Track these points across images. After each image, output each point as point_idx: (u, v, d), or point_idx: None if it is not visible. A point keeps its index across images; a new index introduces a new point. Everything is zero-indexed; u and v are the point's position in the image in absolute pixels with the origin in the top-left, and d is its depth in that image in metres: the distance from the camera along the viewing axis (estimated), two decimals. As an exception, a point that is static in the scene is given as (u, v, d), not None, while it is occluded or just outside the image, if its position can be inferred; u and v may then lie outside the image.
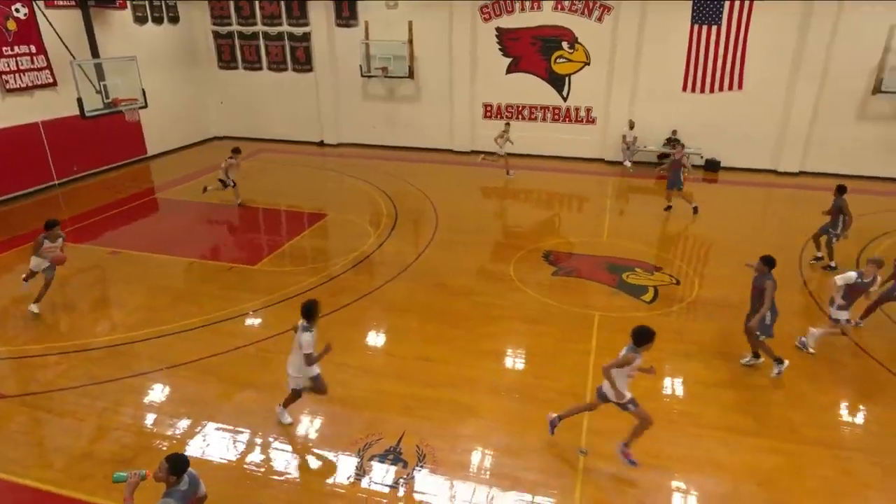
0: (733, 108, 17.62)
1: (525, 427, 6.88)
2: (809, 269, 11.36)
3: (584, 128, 19.27)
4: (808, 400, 7.39)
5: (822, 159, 17.48)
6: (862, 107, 16.87)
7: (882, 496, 5.91)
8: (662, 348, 8.49)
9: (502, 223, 13.95)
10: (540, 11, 18.33)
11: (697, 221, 14.10)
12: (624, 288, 10.42)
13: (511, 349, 8.60)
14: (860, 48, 16.17)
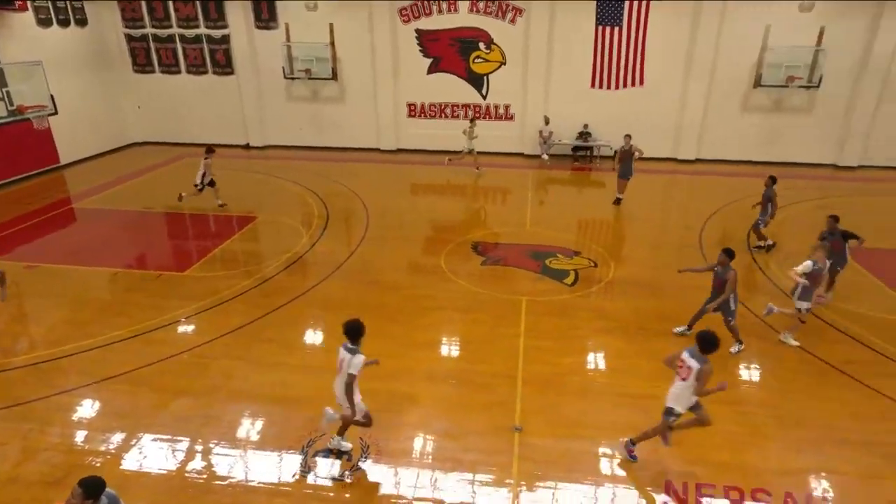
0: (637, 102, 18.48)
1: (463, 411, 6.97)
2: (709, 247, 12.12)
3: (503, 124, 19.63)
4: (717, 363, 7.90)
5: (714, 147, 18.71)
6: (745, 99, 18.19)
7: (778, 444, 6.46)
8: (584, 326, 8.87)
9: (431, 218, 14.00)
10: (456, 13, 18.45)
11: (610, 207, 14.72)
12: (547, 273, 10.73)
13: (446, 338, 8.68)
14: (742, 46, 17.40)
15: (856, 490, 5.81)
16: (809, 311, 8.32)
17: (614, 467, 6.15)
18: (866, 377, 7.61)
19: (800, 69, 17.09)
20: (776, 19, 16.87)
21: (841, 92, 17.63)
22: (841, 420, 6.81)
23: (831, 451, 6.29)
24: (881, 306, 9.59)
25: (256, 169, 18.25)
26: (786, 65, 17.08)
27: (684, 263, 11.11)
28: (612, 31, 17.81)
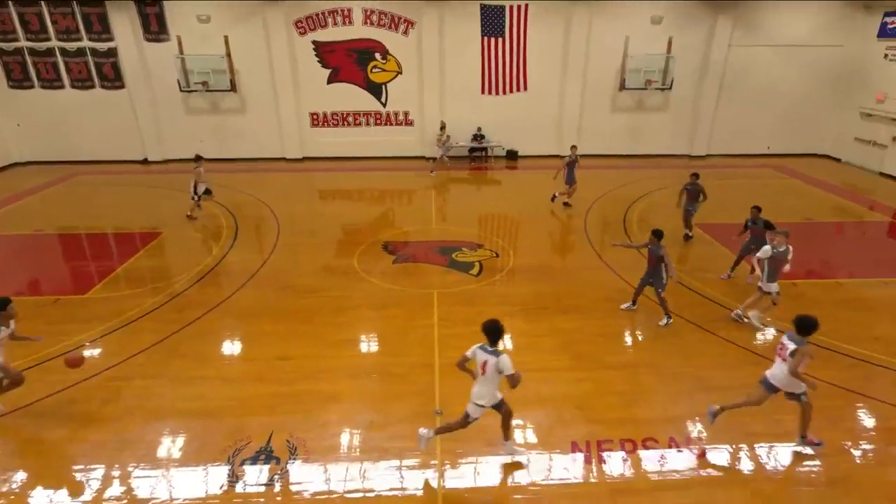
0: (523, 105, 19.25)
1: (386, 402, 6.92)
2: (594, 233, 12.89)
3: (403, 129, 19.63)
4: (607, 335, 8.47)
5: (590, 143, 19.88)
6: (613, 101, 19.53)
7: (660, 397, 7.03)
8: (491, 311, 9.05)
9: (342, 222, 13.71)
10: (352, 26, 18.15)
11: (506, 201, 15.22)
12: (455, 266, 10.90)
13: (364, 335, 8.56)
14: (608, 54, 18.65)
15: (722, 428, 6.46)
16: (779, 294, 8.40)
17: (527, 436, 6.39)
18: (721, 330, 8.49)
19: (655, 74, 18.64)
20: (633, 31, 18.26)
21: (688, 93, 19.45)
22: (707, 371, 7.54)
23: (701, 398, 6.95)
24: (735, 273, 10.73)
25: (157, 184, 16.89)
26: (644, 70, 18.56)
27: (573, 249, 11.82)
28: (496, 41, 18.39)
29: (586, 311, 9.14)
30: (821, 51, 18.98)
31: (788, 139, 20.27)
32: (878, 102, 18.10)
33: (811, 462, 5.98)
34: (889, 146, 17.75)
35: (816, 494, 5.58)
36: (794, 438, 6.23)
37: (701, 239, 12.42)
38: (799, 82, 19.41)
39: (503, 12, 17.95)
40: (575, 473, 5.86)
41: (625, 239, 12.31)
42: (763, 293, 8.41)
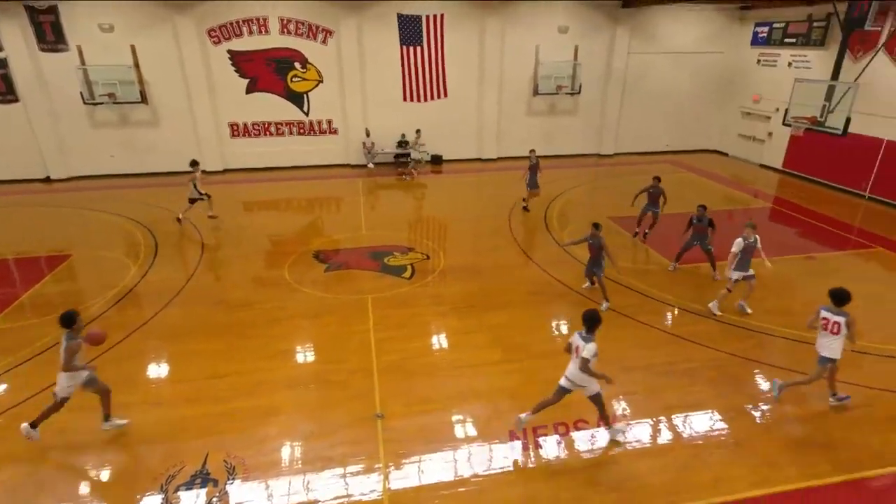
0: (444, 111, 19.46)
1: (326, 410, 6.75)
2: (517, 231, 13.25)
3: (328, 138, 19.24)
4: (534, 327, 8.73)
5: (509, 146, 20.49)
6: (528, 105, 20.21)
7: (586, 380, 7.35)
8: (425, 312, 9.15)
9: (270, 233, 13.21)
10: (268, 35, 17.54)
11: (433, 205, 15.32)
12: (387, 270, 10.83)
13: (300, 345, 8.30)
14: (521, 61, 19.27)
15: (643, 403, 6.88)
16: (738, 281, 8.81)
17: (467, 430, 6.47)
18: (639, 315, 9.03)
19: (565, 79, 19.50)
20: (543, 40, 18.99)
21: (595, 97, 20.51)
22: (628, 352, 7.99)
23: (624, 378, 7.35)
24: (640, 259, 11.43)
25: (62, 203, 15.46)
26: (554, 76, 19.35)
27: (500, 248, 12.09)
28: (415, 50, 18.47)
29: (515, 305, 9.39)
30: (705, 57, 20.67)
31: (683, 137, 21.90)
32: (754, 102, 19.98)
33: (720, 426, 6.50)
34: (766, 141, 19.64)
35: (727, 455, 6.07)
36: (774, 400, 6.74)
37: (614, 231, 13.13)
38: (688, 85, 21.04)
39: (420, 21, 18.07)
40: (514, 460, 6.00)
41: (556, 237, 12.76)
42: (744, 280, 8.76)
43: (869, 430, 6.40)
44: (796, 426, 6.51)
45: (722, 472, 5.80)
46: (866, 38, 15.32)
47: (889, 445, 6.16)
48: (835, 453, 6.05)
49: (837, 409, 6.77)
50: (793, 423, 6.55)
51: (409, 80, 18.91)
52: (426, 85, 19.08)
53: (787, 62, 18.40)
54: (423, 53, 18.59)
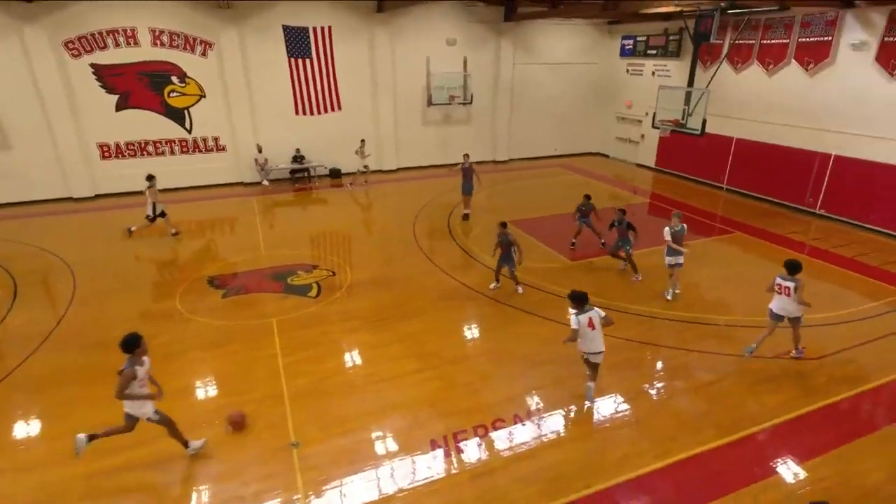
0: (340, 124, 19.17)
1: (235, 446, 6.31)
2: (422, 238, 13.37)
3: (216, 156, 18.13)
4: (447, 333, 8.84)
5: (408, 156, 20.67)
6: (423, 115, 20.55)
7: (500, 380, 7.58)
8: (335, 330, 8.91)
9: (156, 261, 12.12)
10: (139, 47, 16.19)
11: (335, 219, 14.99)
12: (291, 290, 10.41)
13: (200, 380, 7.68)
14: (413, 72, 19.55)
15: (553, 396, 7.23)
16: (674, 266, 9.66)
17: (388, 445, 6.37)
18: (542, 311, 9.49)
19: (457, 90, 20.08)
20: (433, 51, 19.43)
21: (487, 106, 21.36)
22: (534, 348, 8.36)
23: (533, 373, 7.68)
24: (540, 258, 12.05)
25: None
26: (447, 87, 19.85)
27: (406, 257, 12.12)
28: (304, 62, 18.04)
29: (426, 313, 9.45)
30: (582, 67, 22.39)
31: (569, 141, 23.49)
32: (627, 108, 21.98)
33: (623, 408, 7.00)
34: (640, 142, 21.66)
35: (631, 433, 6.55)
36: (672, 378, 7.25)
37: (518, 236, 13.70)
38: (569, 94, 22.64)
39: (307, 33, 17.69)
40: (437, 470, 6.01)
41: (459, 243, 13.02)
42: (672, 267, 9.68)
43: (744, 394, 7.25)
44: (685, 399, 7.19)
45: (629, 450, 6.25)
46: (713, 50, 17.50)
47: (761, 405, 7.02)
48: (718, 418, 6.77)
49: (717, 378, 7.58)
50: (682, 396, 7.24)
51: (301, 93, 18.42)
52: (318, 98, 18.70)
53: (651, 71, 20.48)
54: (312, 66, 18.20)
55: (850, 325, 9.04)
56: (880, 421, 6.81)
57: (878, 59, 13.27)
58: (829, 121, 14.55)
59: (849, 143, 14.12)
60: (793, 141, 15.48)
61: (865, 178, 13.81)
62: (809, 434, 6.50)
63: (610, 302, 9.83)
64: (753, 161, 16.71)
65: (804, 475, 5.89)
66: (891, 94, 13.14)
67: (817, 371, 7.78)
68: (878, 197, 13.59)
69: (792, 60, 15.34)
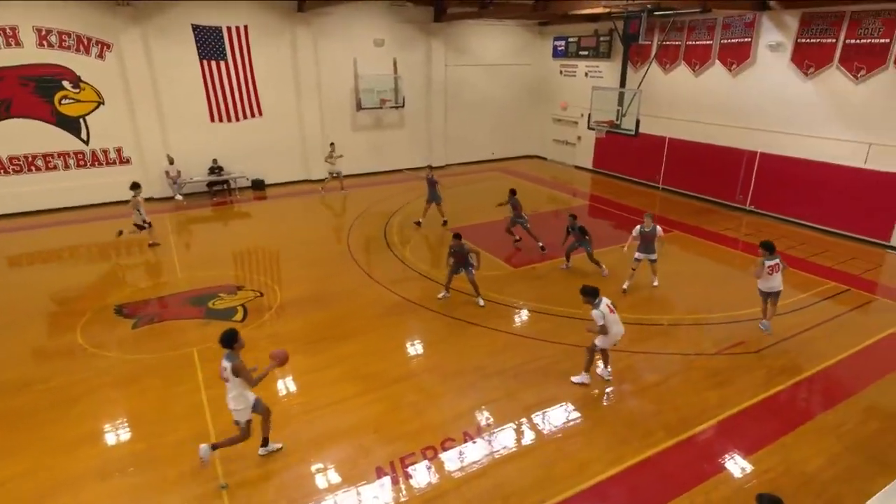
0: (261, 131, 18.66)
1: (154, 495, 5.93)
2: (357, 251, 13.22)
3: (118, 169, 17.11)
4: (389, 351, 8.76)
5: (338, 164, 20.38)
6: (353, 120, 20.41)
7: (448, 397, 7.60)
8: (265, 355, 8.54)
9: (51, 291, 11.22)
10: (21, 48, 15.05)
11: (260, 234, 14.54)
12: (213, 315, 9.97)
13: (110, 423, 7.17)
14: (339, 74, 19.39)
15: (504, 409, 7.33)
16: (639, 261, 10.73)
17: (330, 477, 6.21)
18: (488, 321, 9.63)
19: (387, 93, 20.12)
20: (359, 52, 19.38)
21: (420, 109, 21.54)
22: (483, 359, 8.45)
23: (483, 386, 7.76)
24: (482, 266, 12.24)
25: None
26: (377, 89, 19.85)
27: (341, 272, 11.94)
28: (218, 64, 17.46)
29: (365, 332, 9.34)
30: (516, 69, 23.10)
31: (506, 144, 24.10)
32: (562, 110, 22.87)
33: (574, 415, 7.22)
34: (577, 144, 22.58)
35: (584, 441, 6.75)
36: (608, 379, 7.47)
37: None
38: (504, 95, 23.27)
39: (220, 33, 17.15)
40: (385, 499, 5.92)
41: (397, 253, 12.97)
42: (648, 262, 10.80)
43: (689, 392, 7.67)
44: (634, 401, 7.52)
45: (583, 458, 6.44)
46: (642, 51, 18.61)
47: (706, 402, 7.45)
48: (666, 418, 7.12)
49: (664, 378, 7.98)
50: (631, 399, 7.56)
51: (216, 98, 17.79)
52: (236, 103, 18.14)
53: (584, 72, 21.46)
54: (228, 68, 17.65)
55: (784, 317, 9.81)
56: (816, 408, 7.41)
57: (793, 59, 14.60)
58: (754, 119, 15.83)
59: (773, 141, 15.41)
60: (722, 139, 16.70)
61: (789, 174, 15.12)
62: (753, 427, 6.97)
63: (554, 307, 10.14)
64: (686, 160, 17.85)
65: (751, 468, 6.30)
66: (806, 94, 14.50)
67: (757, 364, 8.37)
68: (801, 192, 14.90)
69: (716, 61, 16.59)
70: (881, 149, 13.20)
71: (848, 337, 9.15)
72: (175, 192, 17.53)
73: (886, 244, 13.34)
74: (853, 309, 10.22)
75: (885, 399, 7.54)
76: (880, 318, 9.83)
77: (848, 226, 14.05)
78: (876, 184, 13.34)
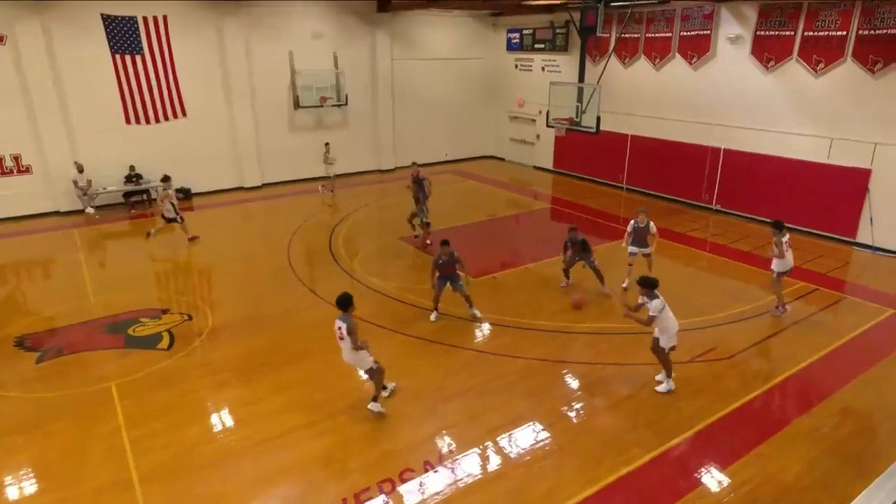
0: (186, 134, 18.12)
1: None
2: (299, 266, 13.00)
3: (16, 180, 16.22)
4: (338, 376, 8.61)
5: (276, 169, 20.07)
6: (291, 121, 20.13)
7: (407, 420, 7.53)
8: (198, 388, 8.33)
9: (-65, 323, 10.49)
10: None
11: (189, 249, 14.09)
12: (134, 344, 9.56)
13: (12, 476, 6.71)
14: (273, 70, 19.12)
15: (467, 433, 7.32)
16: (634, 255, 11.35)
17: (274, 521, 6.04)
18: (446, 338, 9.64)
19: (328, 90, 19.97)
20: (295, 45, 19.19)
21: (366, 108, 21.48)
22: (442, 380, 8.44)
23: (443, 409, 7.74)
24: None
25: None
26: (316, 86, 19.68)
27: (282, 290, 11.71)
28: (133, 59, 16.89)
29: (311, 355, 9.17)
30: (467, 63, 23.41)
31: (460, 144, 24.33)
32: (518, 107, 23.31)
33: (543, 435, 7.29)
34: (535, 143, 23.03)
35: (555, 462, 6.83)
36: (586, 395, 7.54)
37: (403, 252, 13.83)
38: (457, 92, 23.52)
39: (135, 24, 16.60)
40: (339, 540, 5.80)
41: (335, 266, 12.82)
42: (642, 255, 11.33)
43: (662, 404, 7.89)
44: (606, 416, 7.67)
45: (554, 482, 6.51)
46: (600, 44, 19.22)
47: (680, 413, 7.69)
48: (640, 433, 7.29)
49: (635, 390, 8.18)
50: (603, 414, 7.71)
51: (132, 97, 17.18)
52: (156, 102, 17.57)
53: (541, 66, 21.96)
54: (146, 64, 17.09)
55: (754, 319, 10.26)
56: (790, 414, 7.77)
57: (753, 52, 15.43)
58: (716, 114, 16.59)
59: (736, 137, 16.19)
60: (685, 136, 17.41)
61: (753, 170, 15.90)
62: (728, 437, 7.23)
63: (516, 319, 10.26)
64: (650, 158, 18.50)
65: (728, 481, 6.52)
66: (767, 87, 15.33)
67: (729, 371, 8.71)
68: (765, 189, 15.69)
69: (676, 54, 17.32)
70: (843, 143, 14.08)
71: (819, 338, 9.65)
72: (86, 205, 16.77)
73: (852, 240, 14.20)
74: (822, 309, 10.80)
75: (858, 400, 7.98)
76: (850, 318, 10.43)
77: (813, 223, 14.87)
78: (839, 179, 14.20)
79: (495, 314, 10.52)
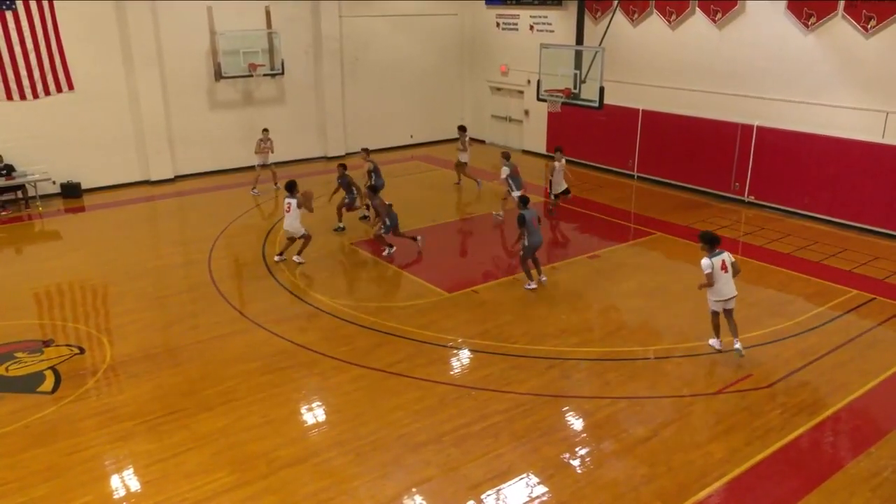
0: (74, 113, 17.88)
1: None
2: (224, 279, 12.89)
3: None
4: (275, 421, 8.54)
5: (193, 158, 19.96)
6: (211, 95, 20.02)
7: (366, 479, 7.48)
8: (92, 441, 8.20)
9: None
10: None
11: (77, 262, 13.90)
12: (7, 387, 9.38)
13: None
14: (188, 32, 19.05)
15: (443, 489, 7.31)
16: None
17: None
18: (413, 370, 9.64)
19: (259, 55, 19.93)
20: (216, 1, 19.07)
21: (307, 78, 21.50)
22: (410, 423, 8.41)
23: (412, 460, 7.71)
24: (403, 294, 12.27)
25: None
26: (243, 51, 19.63)
27: (201, 311, 11.61)
28: (4, 17, 16.63)
29: (241, 394, 9.08)
30: (437, 21, 23.59)
31: (430, 124, 24.48)
32: (503, 75, 23.52)
33: (540, 490, 7.32)
34: (524, 121, 23.25)
35: (551, 526, 6.86)
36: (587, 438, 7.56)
37: (360, 261, 13.80)
38: (425, 57, 23.67)
39: (5, -28, 16.36)
40: None
41: (271, 280, 12.75)
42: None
43: (688, 447, 7.99)
44: (618, 465, 7.73)
45: (552, 551, 6.53)
46: (602, -3, 19.55)
47: (709, 458, 7.79)
48: (661, 484, 7.37)
49: (654, 430, 8.27)
50: (614, 462, 7.78)
51: (2, 65, 16.88)
52: (32, 73, 17.34)
53: (529, 25, 22.23)
54: (19, 23, 16.85)
55: (798, 338, 10.48)
56: (845, 456, 7.93)
57: (789, 7, 15.84)
58: (747, 84, 16.98)
59: (770, 111, 16.58)
60: (708, 111, 17.78)
61: (793, 153, 16.25)
62: (770, 486, 7.35)
63: (504, 344, 10.30)
64: (667, 139, 18.84)
65: (770, 542, 6.63)
66: (808, 50, 15.74)
67: (768, 403, 8.86)
68: (808, 176, 16.06)
69: (696, 10, 17.70)
70: (901, 118, 14.50)
71: (877, 360, 9.90)
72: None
73: (915, 239, 14.63)
74: (881, 323, 11.09)
75: (925, 436, 8.19)
76: (914, 333, 10.73)
77: (867, 217, 15.29)
78: (897, 162, 14.61)
79: (478, 338, 10.55)
